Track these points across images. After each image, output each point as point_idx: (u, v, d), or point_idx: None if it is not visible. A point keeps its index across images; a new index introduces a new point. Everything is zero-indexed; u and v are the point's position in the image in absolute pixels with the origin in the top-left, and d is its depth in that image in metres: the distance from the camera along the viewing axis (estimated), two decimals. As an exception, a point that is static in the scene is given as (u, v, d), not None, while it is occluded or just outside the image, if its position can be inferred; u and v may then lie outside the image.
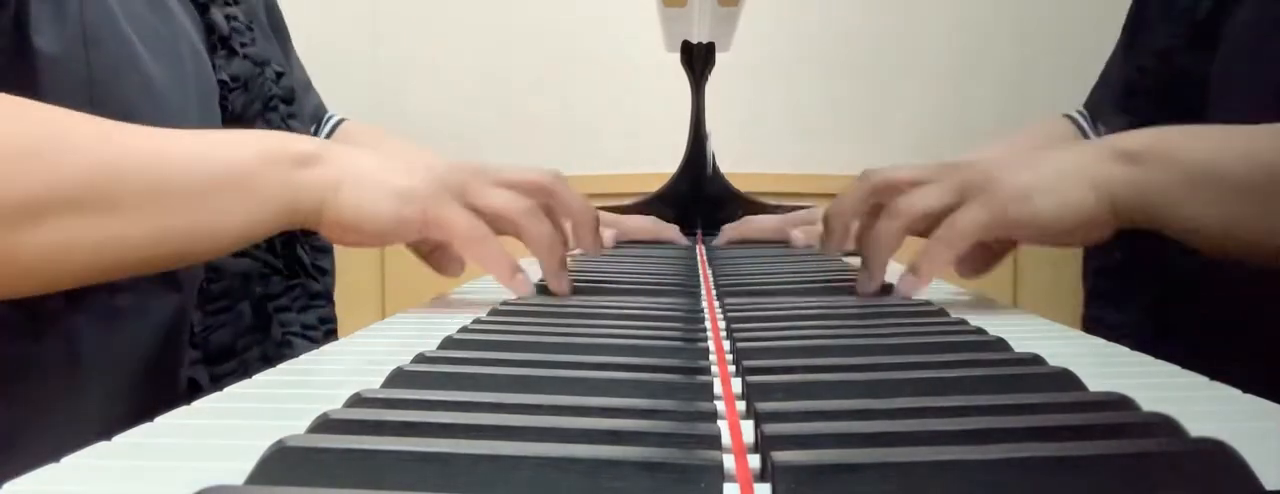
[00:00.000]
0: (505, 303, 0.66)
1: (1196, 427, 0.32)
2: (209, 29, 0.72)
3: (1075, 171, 0.64)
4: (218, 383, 0.43)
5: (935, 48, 2.39)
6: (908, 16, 2.40)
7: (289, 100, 0.81)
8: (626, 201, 1.23)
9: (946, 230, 0.65)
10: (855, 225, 0.71)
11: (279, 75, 0.81)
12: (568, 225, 0.72)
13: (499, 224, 0.68)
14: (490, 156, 2.51)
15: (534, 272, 0.71)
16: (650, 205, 1.21)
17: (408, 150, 0.98)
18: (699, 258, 0.96)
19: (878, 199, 0.69)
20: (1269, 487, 0.28)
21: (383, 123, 2.46)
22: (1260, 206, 0.62)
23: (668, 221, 1.13)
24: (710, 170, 1.25)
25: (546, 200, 0.70)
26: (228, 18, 0.75)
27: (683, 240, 1.09)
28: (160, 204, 0.58)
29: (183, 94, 0.66)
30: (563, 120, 2.39)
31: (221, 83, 0.71)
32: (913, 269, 0.67)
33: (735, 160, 1.36)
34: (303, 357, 0.53)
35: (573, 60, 2.41)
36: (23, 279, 0.57)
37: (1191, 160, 0.63)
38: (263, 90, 0.76)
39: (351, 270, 0.67)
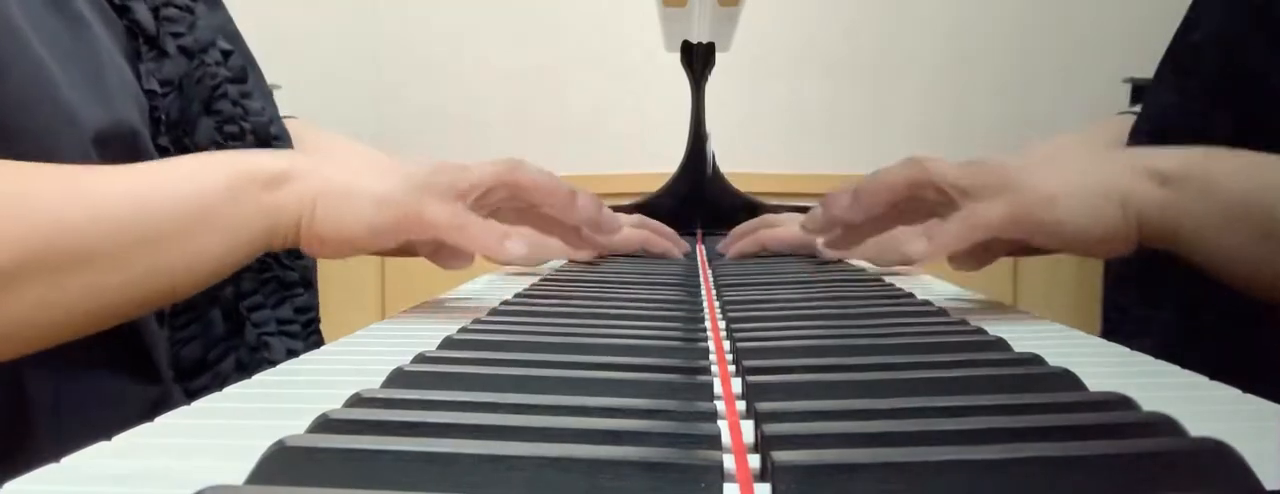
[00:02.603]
0: (505, 303, 0.66)
1: (1196, 427, 0.32)
2: (131, 33, 0.68)
3: (1106, 184, 0.63)
4: (193, 398, 0.42)
5: (934, 48, 2.39)
6: (907, 17, 2.40)
7: (241, 79, 0.78)
8: (626, 202, 1.23)
9: (967, 217, 0.64)
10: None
11: (227, 54, 0.77)
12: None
13: (493, 196, 0.67)
14: (490, 156, 2.49)
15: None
16: (650, 205, 1.21)
17: (361, 152, 0.97)
18: (699, 258, 0.96)
19: (917, 193, 0.67)
20: (1269, 487, 0.28)
21: (383, 123, 2.46)
22: None
23: (665, 224, 1.08)
24: (710, 170, 1.25)
25: (516, 190, 0.69)
26: (155, 9, 0.70)
27: (678, 252, 1.00)
28: (134, 251, 0.56)
29: (107, 114, 0.63)
30: (563, 120, 2.40)
31: (149, 93, 0.67)
32: (928, 232, 0.65)
33: (735, 160, 1.36)
34: (303, 356, 0.53)
35: (573, 60, 2.41)
36: (6, 344, 0.55)
37: (1228, 192, 0.61)
38: (205, 83, 0.73)
39: (352, 270, 0.67)
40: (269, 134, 0.79)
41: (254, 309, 0.75)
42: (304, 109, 2.47)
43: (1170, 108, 0.83)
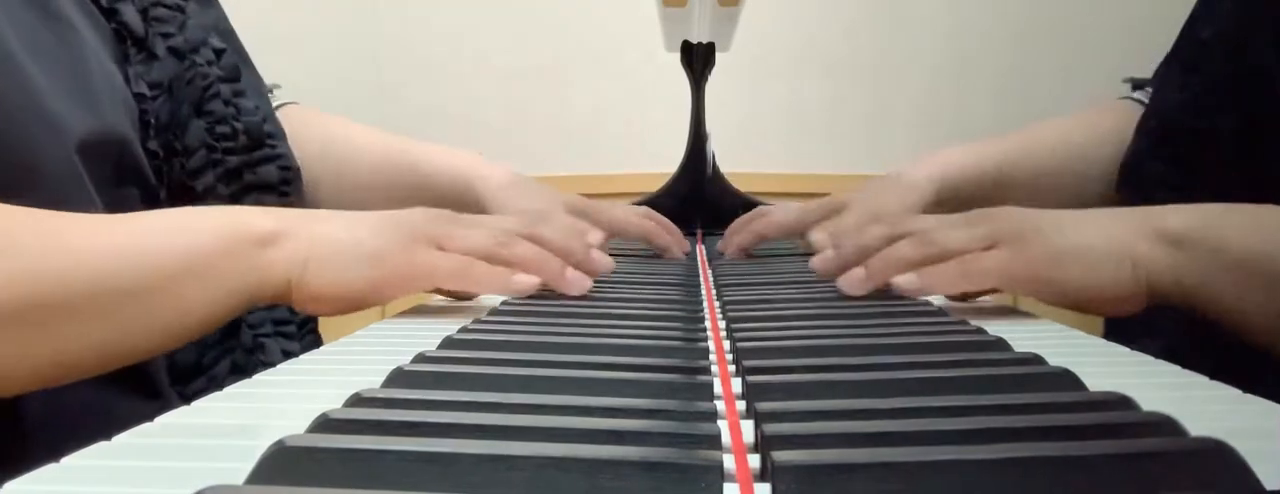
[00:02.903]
0: (505, 303, 0.66)
1: (1196, 427, 0.32)
2: (119, 36, 0.67)
3: (1114, 246, 0.62)
4: (189, 401, 0.42)
5: (934, 48, 2.39)
6: (907, 17, 2.40)
7: (234, 78, 0.77)
8: (626, 202, 1.23)
9: (970, 264, 0.64)
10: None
11: (219, 52, 0.76)
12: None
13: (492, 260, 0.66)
14: (490, 156, 2.50)
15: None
16: (650, 205, 1.21)
17: (356, 131, 0.96)
18: (699, 258, 0.96)
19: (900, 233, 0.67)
20: (1269, 487, 0.28)
21: (383, 123, 2.45)
22: None
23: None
24: (710, 170, 1.25)
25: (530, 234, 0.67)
26: (144, 10, 0.69)
27: (679, 251, 0.96)
28: (114, 307, 0.55)
29: (94, 121, 0.62)
30: (563, 120, 2.40)
31: (139, 96, 0.67)
32: (920, 274, 0.65)
33: (735, 160, 1.36)
34: (303, 356, 0.53)
35: (573, 60, 2.41)
36: None
37: (1240, 251, 0.60)
38: (195, 84, 0.72)
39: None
40: (262, 132, 0.78)
41: (249, 311, 0.75)
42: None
43: (1177, 105, 0.83)
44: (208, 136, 0.73)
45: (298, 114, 0.97)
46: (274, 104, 0.91)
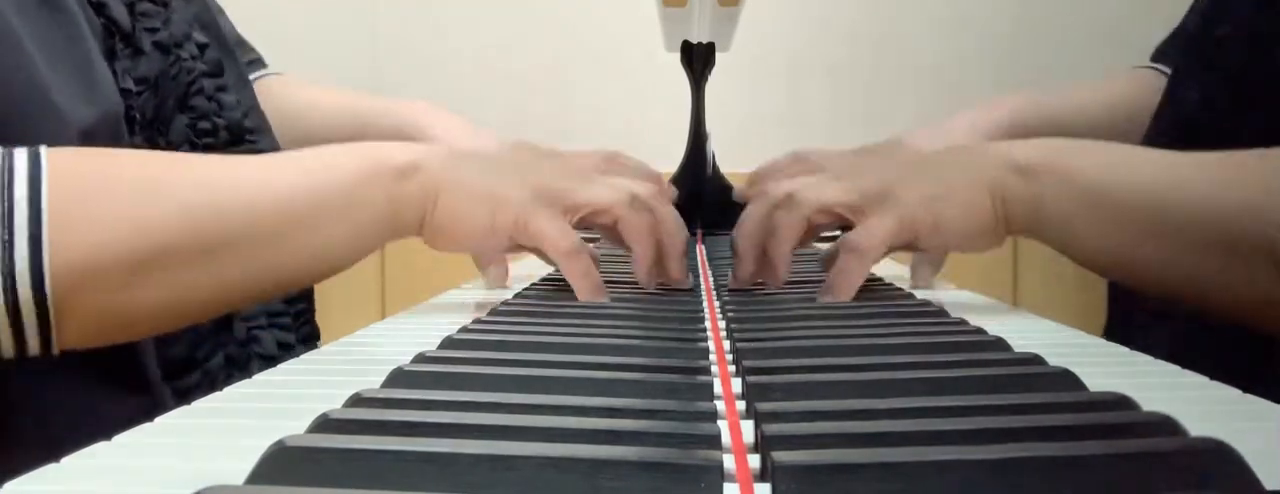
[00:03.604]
0: (505, 303, 0.66)
1: (1196, 427, 0.32)
2: (108, 31, 0.68)
3: (973, 180, 0.64)
4: (183, 398, 0.42)
5: (935, 47, 2.39)
6: (907, 17, 2.40)
7: (217, 73, 0.78)
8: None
9: (857, 240, 0.65)
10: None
11: (203, 47, 0.77)
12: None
13: (597, 218, 0.68)
14: (490, 156, 2.50)
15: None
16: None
17: (320, 98, 0.98)
18: (699, 258, 0.96)
19: (814, 223, 0.69)
20: (1269, 487, 0.28)
21: (383, 123, 2.42)
22: (1144, 239, 0.61)
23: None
24: (710, 170, 1.25)
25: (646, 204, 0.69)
26: (131, 4, 0.70)
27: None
28: (267, 239, 0.58)
29: (95, 110, 0.63)
30: (563, 120, 2.39)
31: (125, 91, 0.67)
32: (829, 287, 0.66)
33: (735, 160, 1.36)
34: (303, 356, 0.53)
35: (573, 60, 2.41)
36: (136, 328, 0.57)
37: (1084, 181, 0.62)
38: (180, 79, 0.73)
39: (351, 270, 0.67)
40: (242, 128, 0.79)
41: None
42: (304, 109, 2.43)
43: (1197, 104, 0.83)
44: (190, 133, 0.73)
45: (269, 88, 0.98)
46: (254, 75, 0.91)
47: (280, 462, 0.29)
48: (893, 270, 0.89)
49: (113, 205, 0.54)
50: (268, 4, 2.42)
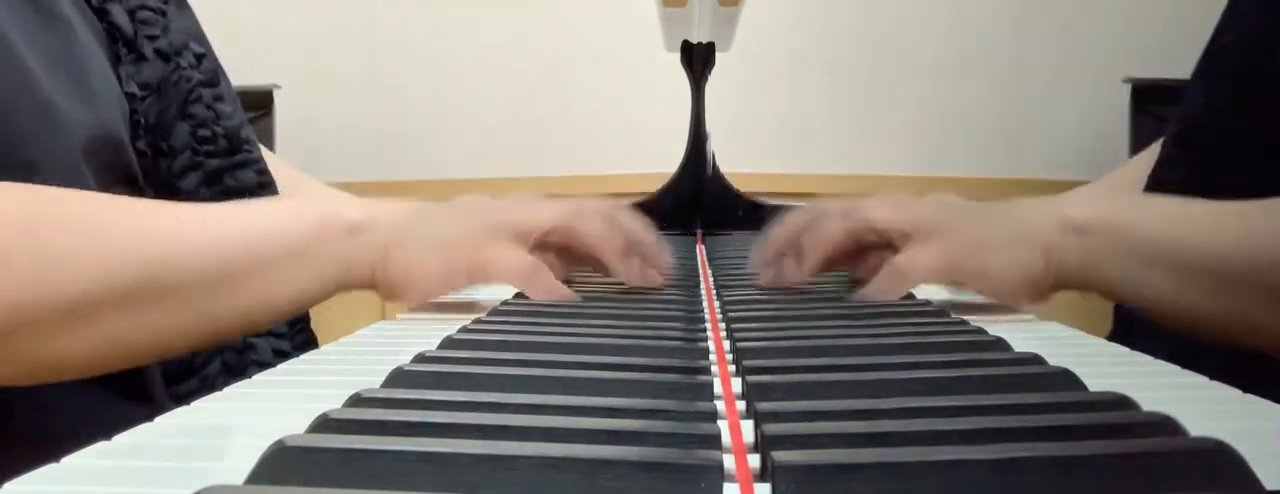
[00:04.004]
0: (505, 303, 0.66)
1: (1196, 427, 0.32)
2: (111, 36, 0.68)
3: (1026, 233, 0.65)
4: (180, 404, 0.42)
5: (935, 48, 2.39)
6: (907, 17, 2.40)
7: (213, 83, 0.78)
8: (626, 202, 1.23)
9: (903, 266, 0.66)
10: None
11: (200, 57, 0.77)
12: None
13: (552, 237, 0.68)
14: (490, 157, 2.51)
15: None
16: (650, 206, 1.21)
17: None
18: (699, 258, 0.96)
19: (858, 239, 0.70)
20: (1269, 487, 0.28)
21: (382, 123, 2.44)
22: (1212, 292, 0.61)
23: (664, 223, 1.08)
24: (710, 170, 1.25)
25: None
26: (132, 11, 0.70)
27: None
28: (214, 290, 0.57)
29: (93, 118, 0.62)
30: (563, 120, 2.39)
31: (129, 95, 0.68)
32: (863, 298, 0.67)
33: (735, 160, 1.36)
34: (303, 356, 0.53)
35: (573, 60, 2.41)
36: (68, 371, 0.56)
37: (1143, 240, 0.63)
38: (180, 86, 0.73)
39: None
40: (241, 137, 0.79)
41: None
42: (304, 109, 2.48)
43: (1200, 109, 0.83)
44: (192, 139, 0.73)
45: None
46: None
47: (280, 462, 0.29)
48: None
49: (54, 245, 0.52)
50: (268, 5, 2.42)
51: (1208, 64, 0.85)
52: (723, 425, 0.34)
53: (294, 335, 0.80)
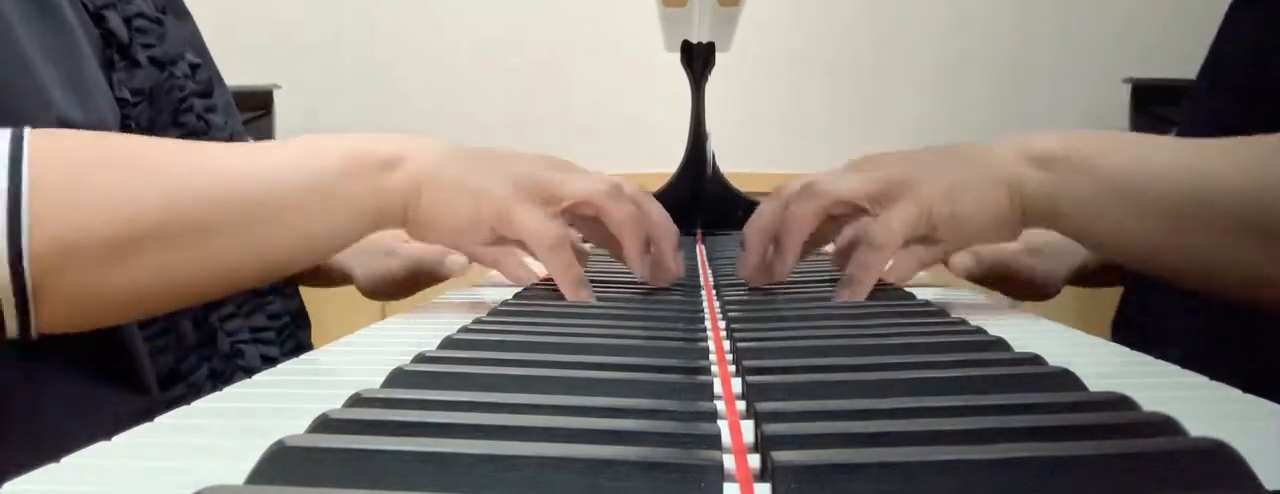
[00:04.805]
0: (505, 303, 0.66)
1: (1196, 427, 0.32)
2: (106, 41, 0.69)
3: (990, 171, 0.64)
4: (171, 407, 0.42)
5: (934, 47, 2.39)
6: (907, 17, 2.40)
7: (207, 93, 0.79)
8: None
9: (876, 233, 0.65)
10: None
11: (195, 67, 0.78)
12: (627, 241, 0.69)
13: (580, 209, 0.67)
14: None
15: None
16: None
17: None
18: (699, 258, 0.96)
19: (831, 215, 0.68)
20: (1269, 487, 0.28)
21: (383, 122, 2.44)
22: (1176, 228, 0.60)
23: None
24: (710, 170, 1.25)
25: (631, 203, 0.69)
26: (128, 19, 0.71)
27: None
28: (249, 225, 0.58)
29: (86, 115, 0.63)
30: (563, 120, 2.40)
31: (121, 101, 0.68)
32: (847, 280, 0.66)
33: (735, 160, 1.36)
34: (303, 356, 0.53)
35: (573, 60, 2.41)
36: (112, 312, 0.57)
37: (1106, 171, 0.62)
38: (172, 94, 0.74)
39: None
40: None
41: (226, 319, 0.75)
42: (304, 110, 2.48)
43: (1202, 120, 0.83)
44: None
45: None
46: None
47: (280, 462, 0.29)
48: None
49: (96, 185, 0.54)
50: (268, 5, 2.42)
51: (1208, 78, 0.85)
52: (723, 425, 0.34)
53: (282, 342, 0.81)
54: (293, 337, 0.83)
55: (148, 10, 0.73)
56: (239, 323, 0.78)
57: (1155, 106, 1.98)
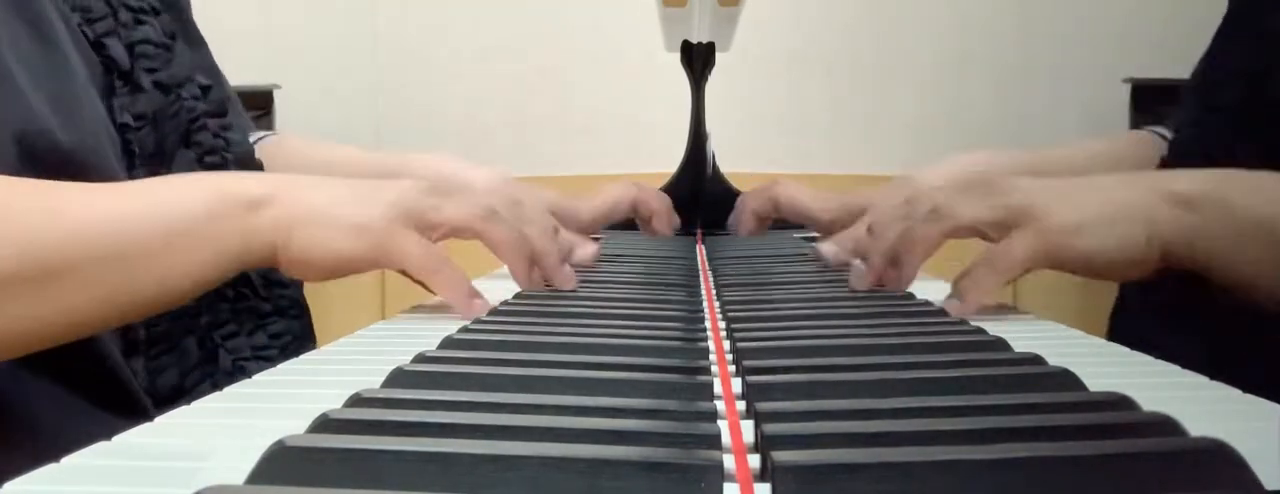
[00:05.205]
0: (505, 303, 0.66)
1: (1196, 427, 0.32)
2: (107, 69, 0.68)
3: (1127, 210, 0.63)
4: None
5: (935, 47, 2.39)
6: (907, 17, 2.40)
7: (221, 113, 0.78)
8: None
9: (998, 257, 0.64)
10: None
11: (206, 89, 0.77)
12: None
13: (459, 235, 0.67)
14: (491, 157, 2.50)
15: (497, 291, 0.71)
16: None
17: (338, 156, 0.96)
18: (699, 258, 0.96)
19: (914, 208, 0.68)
20: (1269, 487, 0.28)
21: (383, 123, 2.45)
22: None
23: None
24: (710, 170, 1.25)
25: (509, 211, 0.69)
26: (131, 45, 0.71)
27: (666, 226, 1.06)
28: (108, 269, 0.57)
29: (80, 142, 0.63)
30: (563, 120, 2.40)
31: (123, 126, 0.68)
32: (958, 293, 0.65)
33: (735, 160, 1.36)
34: (303, 356, 0.53)
35: (573, 61, 2.41)
36: None
37: (1249, 213, 0.61)
38: (181, 116, 0.73)
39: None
40: (253, 163, 0.80)
41: (229, 337, 0.75)
42: (304, 110, 2.48)
43: (1195, 140, 0.83)
44: (198, 166, 0.74)
45: (280, 144, 0.98)
46: (254, 137, 0.92)
47: (280, 462, 0.29)
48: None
49: None
50: (269, 6, 2.42)
51: (1202, 99, 0.85)
52: (723, 425, 0.34)
53: (280, 355, 0.81)
54: (295, 354, 0.84)
55: (154, 36, 0.73)
56: (241, 342, 0.78)
57: (1155, 106, 1.98)
